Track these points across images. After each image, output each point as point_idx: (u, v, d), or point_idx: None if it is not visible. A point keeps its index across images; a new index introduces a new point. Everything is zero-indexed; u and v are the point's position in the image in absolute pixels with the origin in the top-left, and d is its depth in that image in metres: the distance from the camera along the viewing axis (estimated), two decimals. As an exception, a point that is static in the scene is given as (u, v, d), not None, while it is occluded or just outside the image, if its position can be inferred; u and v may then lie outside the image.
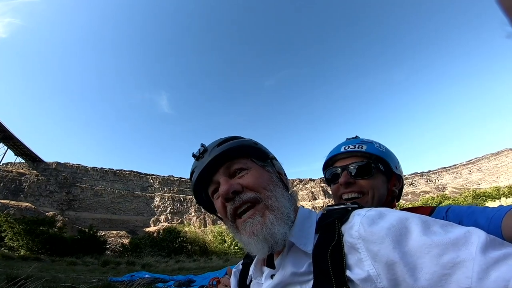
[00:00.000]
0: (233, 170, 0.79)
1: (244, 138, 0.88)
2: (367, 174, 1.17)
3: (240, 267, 1.00)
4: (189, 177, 0.88)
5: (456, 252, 0.47)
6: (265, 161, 0.86)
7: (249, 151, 0.83)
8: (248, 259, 0.95)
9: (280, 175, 0.87)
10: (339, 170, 1.23)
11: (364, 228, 0.59)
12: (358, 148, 1.22)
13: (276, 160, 0.92)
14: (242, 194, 0.74)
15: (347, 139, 1.37)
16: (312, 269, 0.64)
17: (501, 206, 0.84)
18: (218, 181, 0.79)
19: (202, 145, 0.85)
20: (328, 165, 1.33)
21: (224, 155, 0.78)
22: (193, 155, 0.85)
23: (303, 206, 0.77)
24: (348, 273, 0.58)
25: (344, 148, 1.25)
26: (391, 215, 0.59)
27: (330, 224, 0.69)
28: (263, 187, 0.76)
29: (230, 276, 1.08)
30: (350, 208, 0.71)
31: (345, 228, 0.65)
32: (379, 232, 0.56)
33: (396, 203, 1.31)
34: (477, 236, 0.48)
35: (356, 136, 1.37)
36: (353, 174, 1.18)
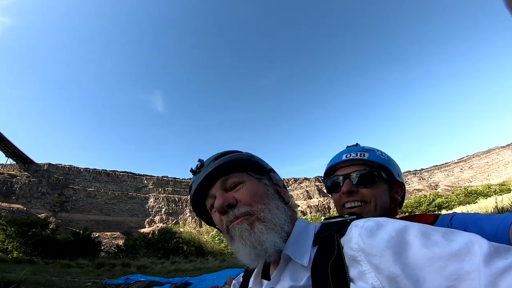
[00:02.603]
0: (229, 184, 0.79)
1: (241, 152, 0.88)
2: (369, 183, 1.15)
3: (241, 279, 0.99)
4: (188, 192, 0.89)
5: (459, 263, 0.46)
6: (261, 173, 0.85)
7: (245, 165, 0.83)
8: (249, 272, 0.94)
9: (278, 187, 0.86)
10: (340, 178, 1.20)
11: (363, 240, 0.59)
12: (360, 156, 1.20)
13: (274, 172, 0.90)
14: (235, 209, 0.74)
15: (347, 146, 1.35)
16: (311, 283, 0.63)
17: (507, 213, 0.83)
18: (214, 195, 0.79)
19: (200, 160, 0.85)
20: (329, 173, 1.31)
21: (220, 170, 0.79)
22: (191, 170, 0.85)
23: (300, 209, 0.84)
24: (352, 286, 0.57)
25: (346, 156, 1.23)
26: (389, 226, 0.58)
27: (329, 237, 0.68)
28: (257, 200, 0.76)
29: (230, 285, 1.06)
30: (348, 220, 0.70)
31: (344, 240, 0.64)
32: (378, 245, 0.55)
33: (399, 210, 1.29)
34: (480, 245, 0.47)
35: (357, 143, 1.35)
36: (355, 182, 1.16)
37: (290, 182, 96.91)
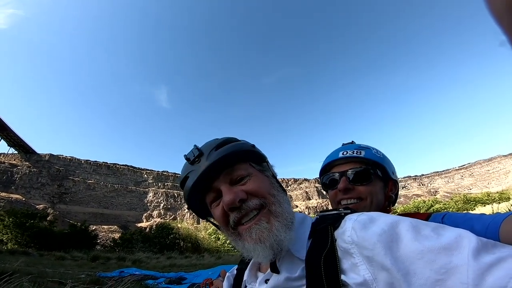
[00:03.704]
0: (235, 177, 0.75)
1: (240, 141, 0.83)
2: (365, 180, 1.17)
3: (235, 272, 0.99)
4: (179, 182, 0.81)
5: (448, 257, 0.47)
6: (261, 164, 0.84)
7: (247, 155, 0.80)
8: (243, 265, 0.92)
9: (277, 179, 0.85)
10: (337, 175, 1.23)
11: (356, 233, 0.60)
12: (356, 154, 1.22)
13: (269, 162, 0.89)
14: (248, 202, 0.72)
15: (343, 144, 1.36)
16: (305, 274, 0.65)
17: (498, 213, 0.84)
18: (218, 188, 0.75)
19: (196, 147, 0.78)
20: (325, 170, 1.32)
21: (223, 160, 0.74)
22: (186, 158, 0.78)
23: (299, 210, 0.83)
24: (343, 277, 0.59)
25: (342, 154, 1.24)
26: (381, 220, 0.59)
27: (323, 229, 0.69)
28: (267, 192, 0.75)
29: (224, 278, 1.06)
30: (343, 214, 0.71)
31: (338, 233, 0.65)
32: (370, 238, 0.56)
33: (392, 208, 1.31)
34: (468, 240, 0.48)
35: (352, 141, 1.36)
36: (351, 179, 1.18)
37: (289, 182, 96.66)
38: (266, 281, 0.74)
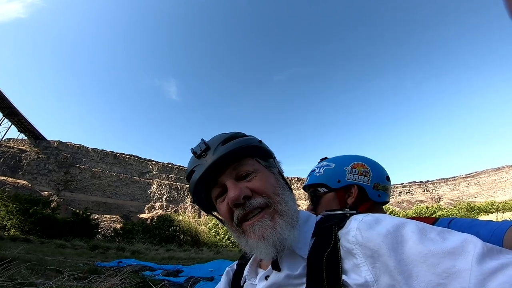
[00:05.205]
0: (241, 172, 0.75)
1: (249, 136, 0.83)
2: (313, 204, 1.36)
3: (235, 267, 0.99)
4: (186, 175, 0.81)
5: (452, 262, 0.47)
6: (268, 161, 0.83)
7: (254, 151, 0.79)
8: (243, 260, 0.92)
9: (283, 176, 0.85)
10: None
11: (361, 233, 0.60)
12: (305, 183, 1.43)
13: (276, 158, 0.88)
14: (252, 200, 0.71)
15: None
16: (306, 272, 0.65)
17: (505, 220, 0.85)
18: (223, 183, 0.74)
19: (203, 141, 0.78)
20: None
21: (230, 155, 0.73)
22: (193, 152, 0.78)
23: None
24: (344, 277, 0.59)
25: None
26: (387, 221, 0.59)
27: (327, 228, 0.69)
28: (272, 191, 0.74)
29: None
30: (348, 214, 0.71)
31: (342, 233, 0.65)
32: (375, 239, 0.56)
33: (379, 207, 1.30)
34: (474, 245, 0.48)
35: (321, 159, 1.48)
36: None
37: (293, 181, 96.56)
38: (266, 277, 0.74)
